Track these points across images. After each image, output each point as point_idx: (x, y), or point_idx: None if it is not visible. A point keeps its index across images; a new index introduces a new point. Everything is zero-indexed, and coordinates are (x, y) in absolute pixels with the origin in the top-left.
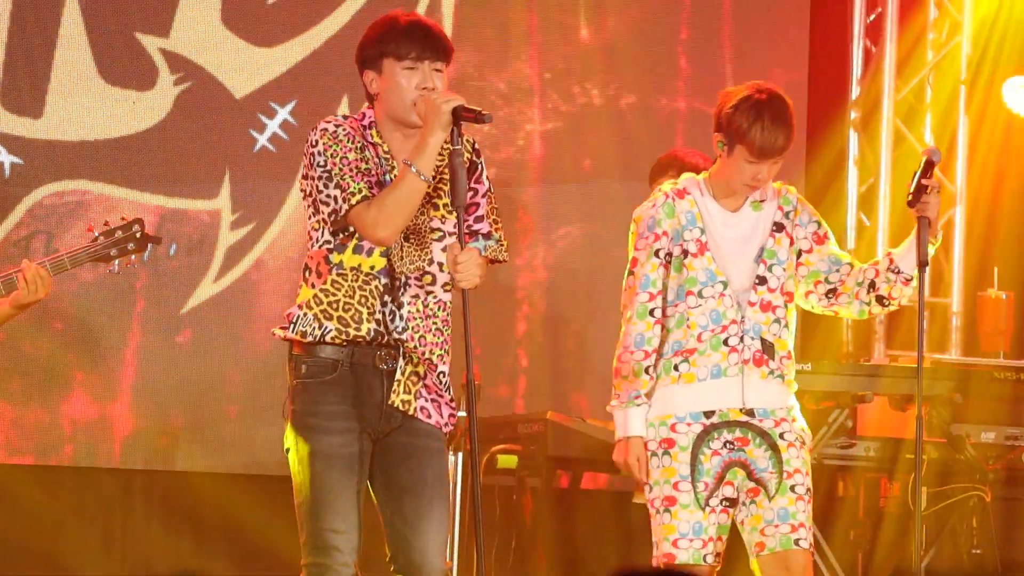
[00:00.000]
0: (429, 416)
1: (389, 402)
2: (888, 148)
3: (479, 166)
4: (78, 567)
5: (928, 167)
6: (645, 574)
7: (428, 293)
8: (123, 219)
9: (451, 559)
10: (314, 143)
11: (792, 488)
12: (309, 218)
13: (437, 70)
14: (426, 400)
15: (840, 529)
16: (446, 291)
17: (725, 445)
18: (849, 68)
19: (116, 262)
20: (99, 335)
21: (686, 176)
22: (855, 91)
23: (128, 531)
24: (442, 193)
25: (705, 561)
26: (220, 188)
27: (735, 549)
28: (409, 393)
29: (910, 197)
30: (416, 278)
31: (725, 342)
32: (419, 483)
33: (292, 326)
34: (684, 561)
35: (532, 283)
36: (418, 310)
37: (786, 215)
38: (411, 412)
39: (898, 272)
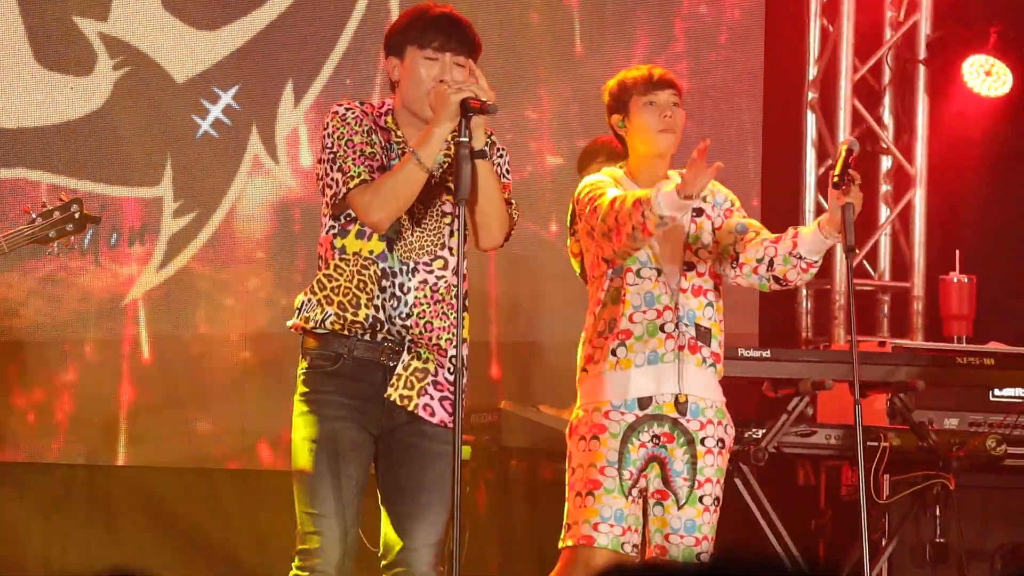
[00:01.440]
0: (432, 414)
1: (386, 395)
2: (846, 129)
3: (498, 166)
4: (19, 563)
5: (849, 155)
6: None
7: (439, 278)
8: (60, 199)
9: None
10: (325, 126)
11: (701, 499)
12: (323, 203)
13: (459, 64)
14: (431, 398)
15: (801, 518)
16: (455, 274)
17: (652, 439)
18: (806, 48)
19: (55, 244)
20: (38, 326)
21: (607, 170)
22: (812, 71)
23: (68, 527)
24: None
25: (623, 549)
26: (162, 175)
27: None
28: (411, 389)
29: (836, 179)
30: (426, 263)
31: (662, 328)
32: (416, 486)
33: (298, 311)
34: (603, 545)
35: (480, 272)
36: (425, 295)
37: (703, 199)
38: (411, 408)
39: (800, 257)
